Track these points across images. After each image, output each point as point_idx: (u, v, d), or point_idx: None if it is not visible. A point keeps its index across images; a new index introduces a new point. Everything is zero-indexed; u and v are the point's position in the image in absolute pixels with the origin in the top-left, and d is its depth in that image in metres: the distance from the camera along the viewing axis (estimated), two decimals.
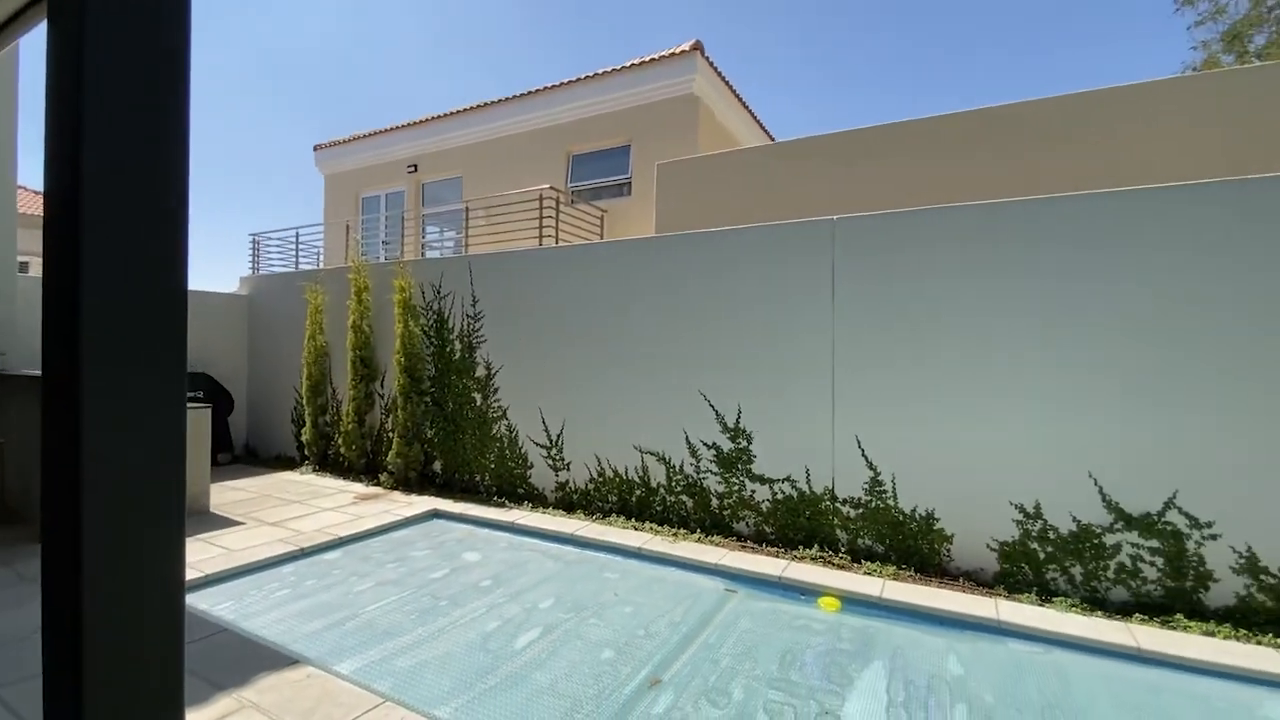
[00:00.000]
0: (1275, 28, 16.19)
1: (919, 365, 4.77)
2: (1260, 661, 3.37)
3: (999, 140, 6.72)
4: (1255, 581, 3.84)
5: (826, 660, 3.52)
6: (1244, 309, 3.86)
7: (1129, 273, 4.15)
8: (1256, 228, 3.85)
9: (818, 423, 5.18)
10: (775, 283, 5.39)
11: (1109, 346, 4.19)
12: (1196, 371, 3.96)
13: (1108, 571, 4.19)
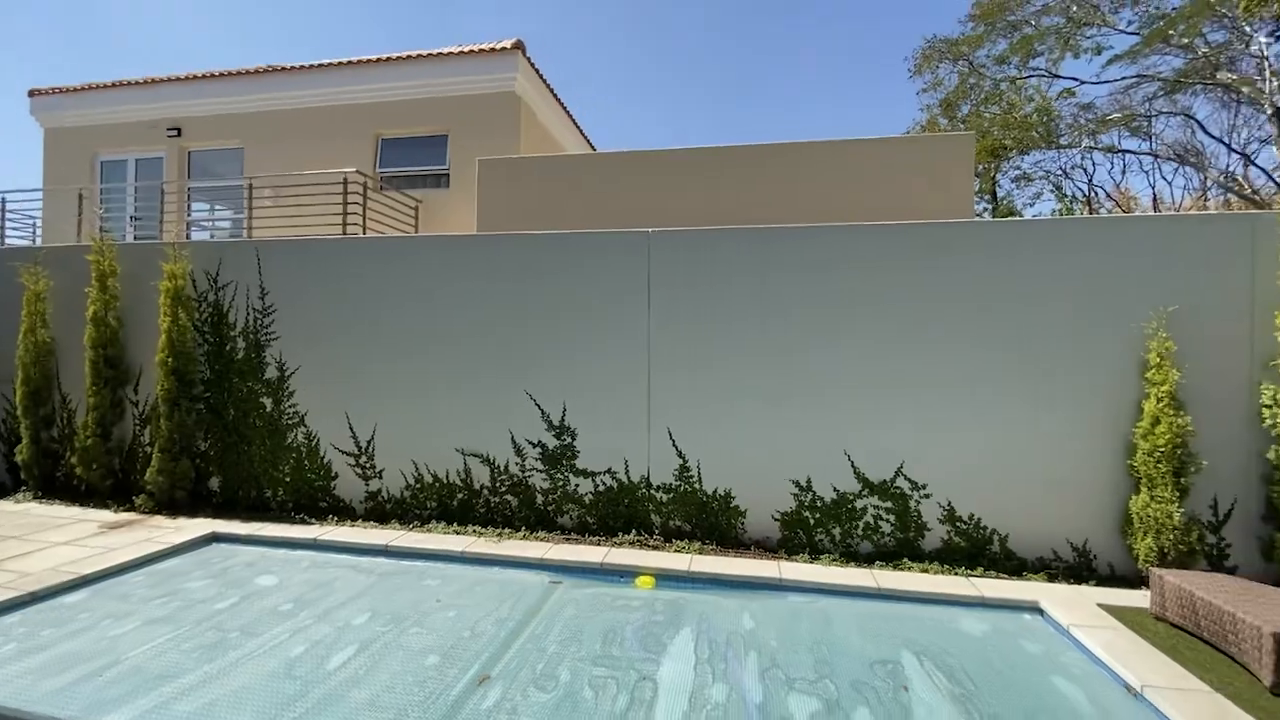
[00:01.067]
0: (975, 101, 20.92)
1: (722, 365, 5.42)
2: (958, 588, 4.48)
3: (776, 171, 7.84)
4: (953, 528, 5.08)
5: (644, 633, 3.87)
6: (937, 320, 5.07)
7: (867, 291, 5.19)
8: (937, 259, 5.09)
9: (635, 417, 5.59)
10: (598, 287, 5.69)
11: (859, 351, 5.19)
12: (913, 370, 5.10)
13: (858, 529, 5.20)
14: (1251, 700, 3.05)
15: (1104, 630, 3.79)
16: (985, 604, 4.30)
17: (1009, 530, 4.98)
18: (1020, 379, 4.97)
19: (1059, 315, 4.92)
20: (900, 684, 3.31)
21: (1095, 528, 4.87)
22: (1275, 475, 4.49)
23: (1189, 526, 4.45)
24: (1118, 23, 17.32)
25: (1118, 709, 3.13)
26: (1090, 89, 19.33)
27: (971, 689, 3.27)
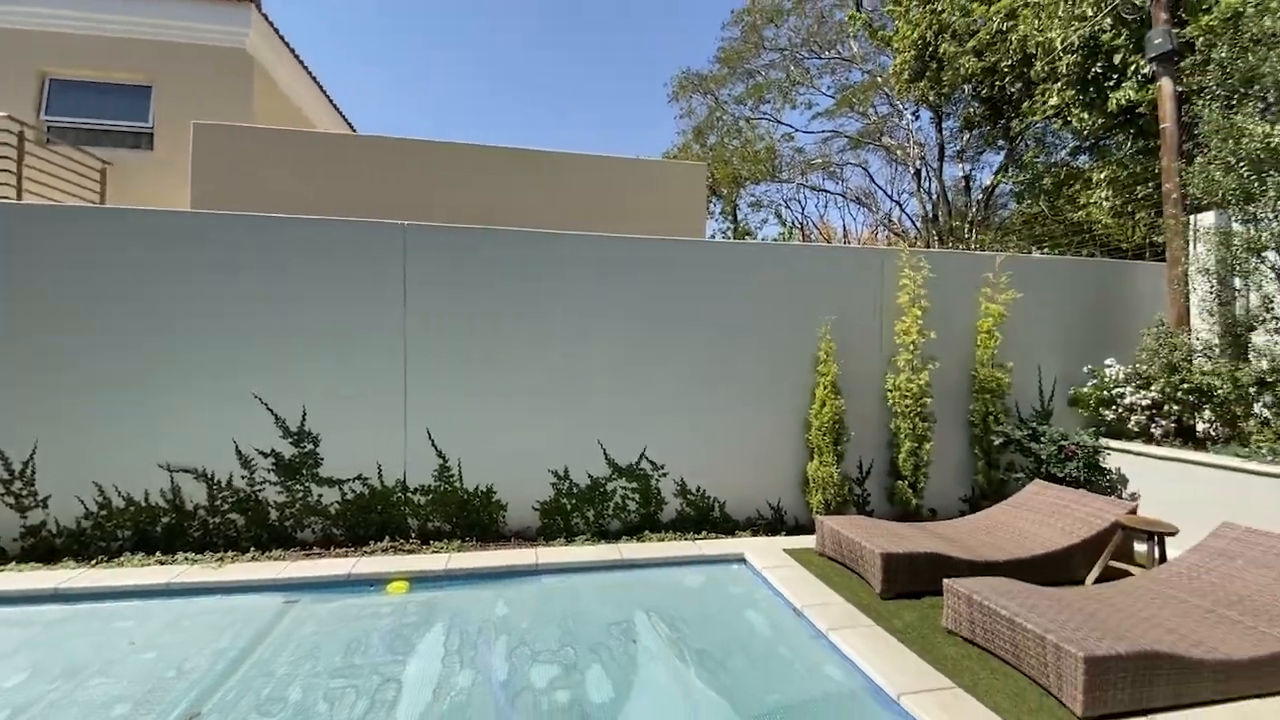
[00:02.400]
0: (721, 132, 23.95)
1: (485, 364, 5.51)
2: (686, 550, 5.24)
3: (540, 177, 8.20)
4: (685, 501, 5.92)
5: (392, 637, 3.80)
6: (673, 324, 5.89)
7: (622, 295, 5.78)
8: (710, 274, 5.93)
9: (391, 419, 5.38)
10: (347, 281, 5.33)
11: (609, 348, 5.75)
12: (655, 367, 5.83)
13: (609, 510, 5.76)
14: (869, 605, 4.20)
15: (784, 569, 4.83)
16: (705, 560, 5.13)
17: (726, 498, 5.99)
18: (735, 373, 6.00)
19: (764, 321, 6.07)
20: (631, 639, 3.82)
21: (786, 490, 6.12)
22: (894, 441, 6.18)
23: (843, 483, 5.88)
24: (821, 86, 21.57)
25: (786, 625, 4.05)
26: (803, 136, 23.70)
27: (686, 632, 3.92)
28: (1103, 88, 9.13)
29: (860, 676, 3.36)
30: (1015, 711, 2.93)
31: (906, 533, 4.85)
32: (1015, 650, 3.26)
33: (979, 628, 3.52)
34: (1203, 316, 6.32)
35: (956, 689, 3.12)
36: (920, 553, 4.33)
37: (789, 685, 3.42)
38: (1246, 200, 5.50)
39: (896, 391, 6.08)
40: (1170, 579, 3.93)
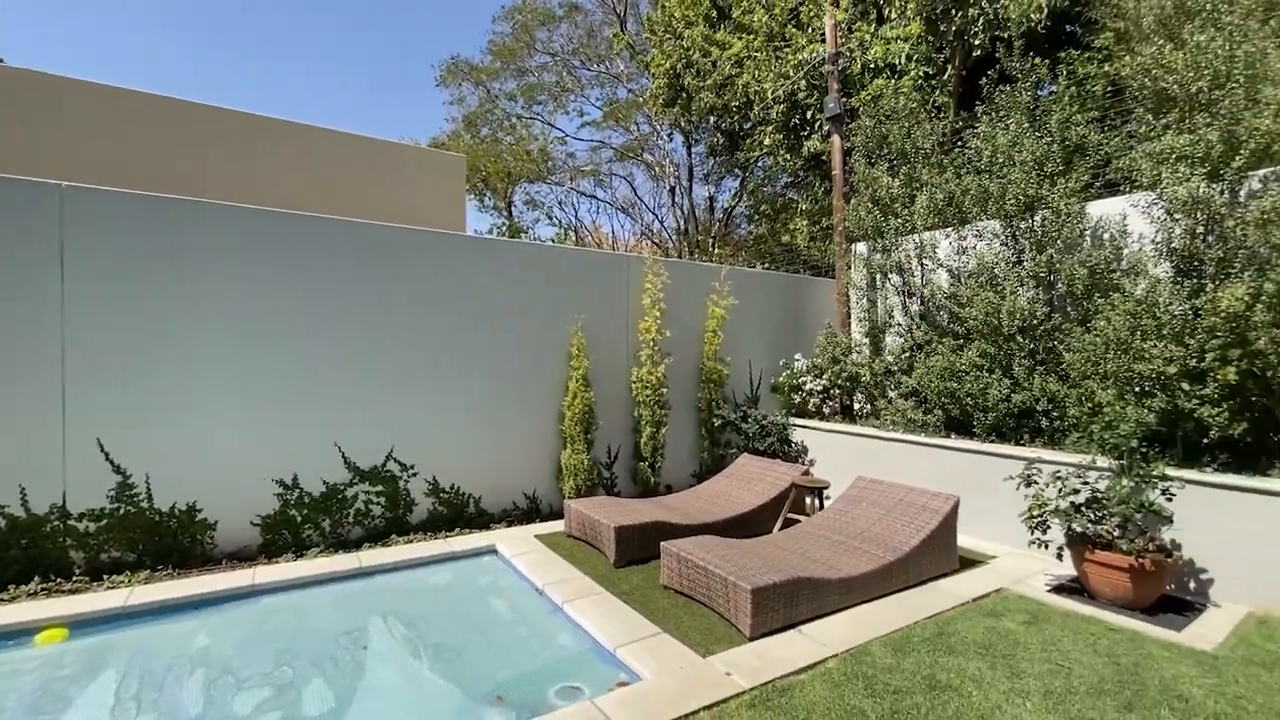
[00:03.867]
0: (494, 126, 23.57)
1: (184, 360, 4.68)
2: (436, 549, 5.14)
3: (284, 150, 7.25)
4: (438, 499, 5.80)
5: (37, 696, 3.07)
6: (433, 317, 5.74)
7: (370, 285, 5.42)
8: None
9: (40, 430, 4.27)
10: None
11: (346, 343, 5.35)
12: (408, 362, 5.60)
13: (349, 517, 5.37)
14: (605, 575, 4.63)
15: (533, 554, 5.06)
16: (455, 557, 5.11)
17: (482, 492, 6.03)
18: (495, 369, 6.07)
19: (525, 318, 6.23)
20: (361, 646, 3.66)
21: (541, 479, 6.39)
22: (637, 427, 6.87)
23: (593, 468, 6.35)
24: (591, 97, 22.66)
25: (528, 606, 4.27)
26: (575, 142, 24.62)
27: (424, 629, 3.89)
28: (800, 136, 11.31)
29: (588, 639, 3.72)
30: (705, 642, 3.55)
31: (641, 507, 5.46)
32: (709, 593, 3.94)
33: (686, 580, 4.16)
34: (858, 321, 8.26)
35: (663, 634, 3.65)
36: (648, 523, 4.92)
37: (523, 659, 3.64)
38: (879, 234, 7.36)
39: (639, 383, 6.77)
40: (821, 522, 5.11)
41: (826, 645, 3.52)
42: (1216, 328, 4.39)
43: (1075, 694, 3.00)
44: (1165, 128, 5.23)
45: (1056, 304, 5.89)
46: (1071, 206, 5.80)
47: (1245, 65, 4.85)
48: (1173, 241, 4.98)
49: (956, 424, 6.25)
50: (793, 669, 3.23)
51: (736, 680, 3.12)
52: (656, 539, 4.82)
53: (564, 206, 25.86)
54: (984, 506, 5.30)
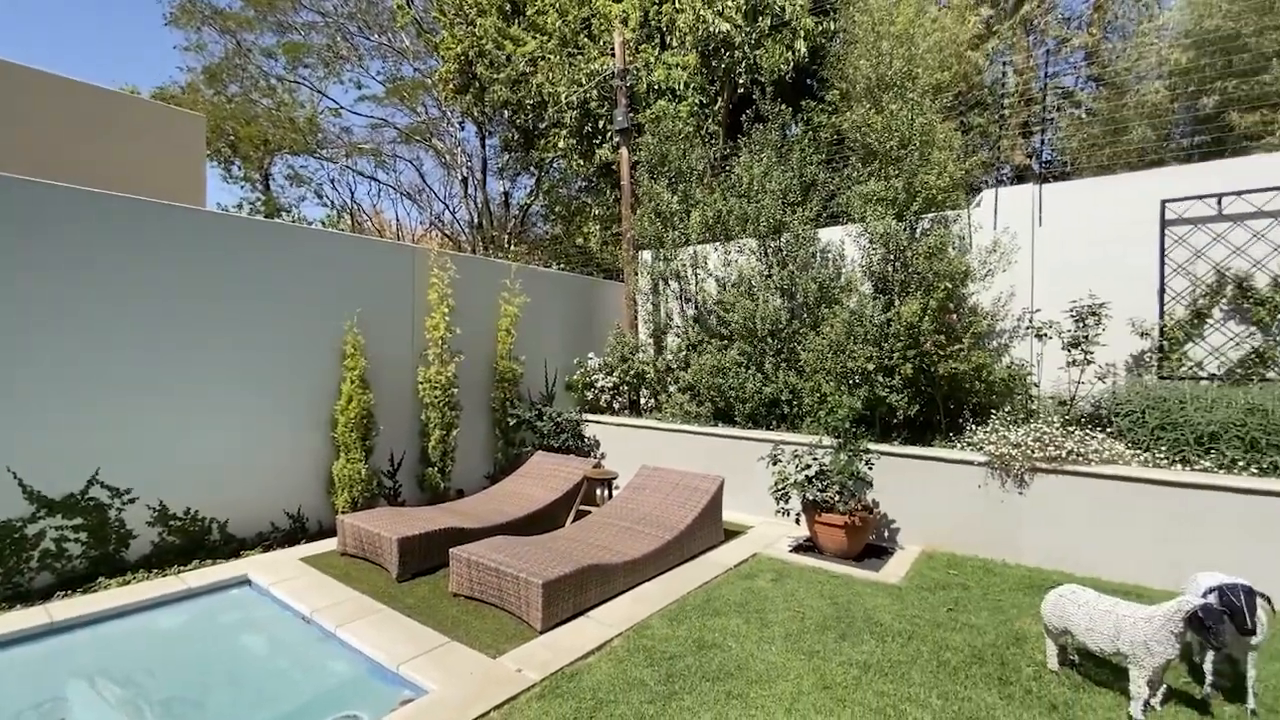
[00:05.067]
0: (246, 84, 20.12)
1: None
2: (164, 589, 4.23)
3: None
4: (166, 528, 4.81)
5: None
6: (156, 312, 4.73)
7: (74, 265, 4.25)
8: None
9: None
10: None
11: (45, 335, 4.16)
12: (124, 362, 4.53)
13: (32, 561, 4.18)
14: (385, 590, 4.32)
15: (297, 580, 4.49)
16: (192, 594, 4.29)
17: (229, 516, 5.15)
18: (244, 368, 5.21)
19: (286, 310, 5.45)
20: (57, 718, 2.90)
21: (307, 495, 5.69)
22: (425, 430, 6.51)
23: (372, 478, 5.85)
24: (371, 70, 20.63)
25: (292, 637, 3.79)
26: (351, 116, 22.18)
27: (149, 685, 3.23)
28: (592, 144, 11.76)
29: (366, 662, 3.44)
30: (496, 643, 3.54)
31: (428, 515, 5.20)
32: (501, 594, 3.93)
33: (478, 584, 4.09)
34: (644, 323, 8.88)
35: (452, 642, 3.54)
36: (436, 530, 4.71)
37: (287, 696, 3.23)
38: (660, 244, 8.01)
39: (427, 384, 6.41)
40: (609, 510, 5.42)
41: (612, 626, 3.76)
42: (900, 334, 5.69)
43: (807, 632, 3.66)
44: (870, 174, 6.60)
45: (796, 311, 7.04)
46: (806, 231, 6.99)
47: (921, 133, 6.35)
48: (873, 266, 6.32)
49: (722, 414, 7.10)
50: (581, 654, 3.40)
51: (527, 675, 3.18)
52: (446, 546, 4.63)
53: (337, 186, 23.21)
54: (744, 484, 6.11)
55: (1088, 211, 6.11)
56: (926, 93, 7.41)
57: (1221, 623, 2.60)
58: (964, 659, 3.31)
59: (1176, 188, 5.71)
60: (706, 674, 3.17)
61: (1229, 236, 5.50)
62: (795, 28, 9.80)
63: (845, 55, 9.88)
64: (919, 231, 6.26)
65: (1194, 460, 4.61)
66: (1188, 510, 4.34)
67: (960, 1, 9.71)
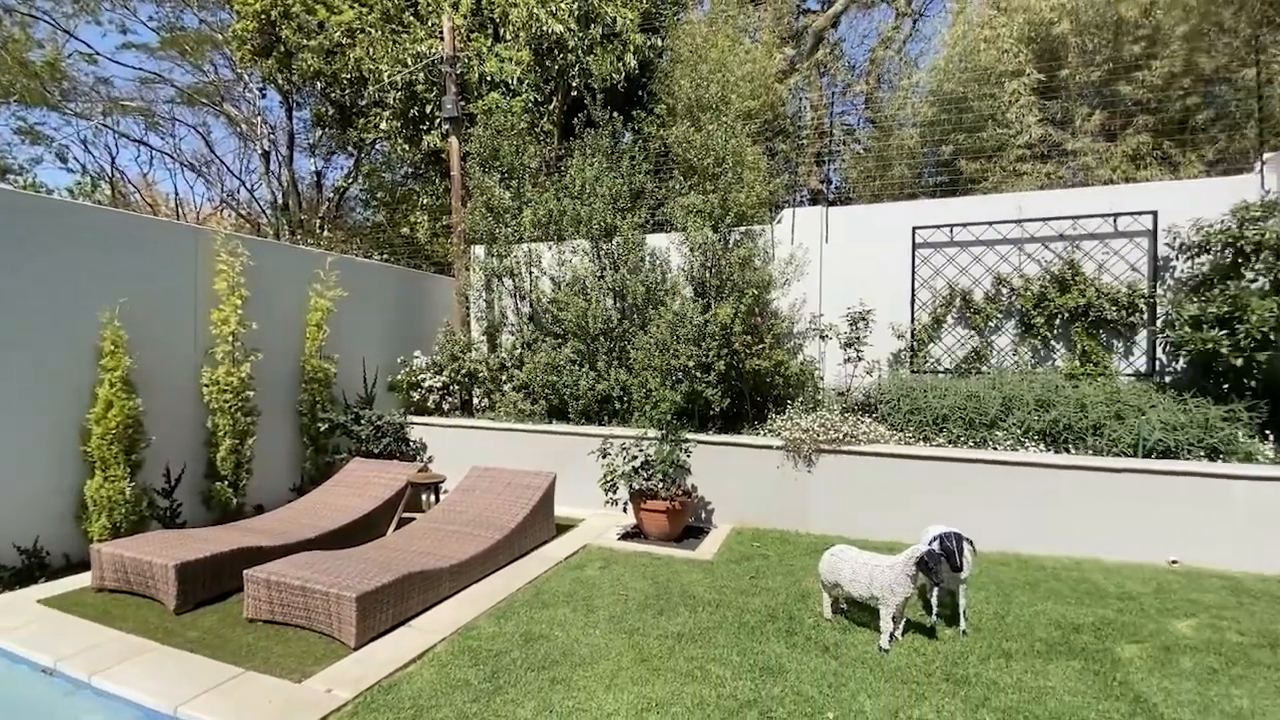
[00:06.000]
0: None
1: None
2: None
3: None
4: None
5: None
6: None
7: None
8: None
9: None
10: None
11: None
12: None
13: None
14: (159, 626, 3.72)
15: (33, 625, 3.69)
16: None
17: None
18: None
19: (15, 302, 4.40)
20: None
21: (48, 523, 4.67)
22: (213, 439, 5.68)
23: (140, 498, 4.97)
24: (140, 13, 17.24)
25: (30, 694, 3.12)
26: (113, 66, 18.35)
27: None
28: (420, 129, 11.11)
29: (132, 711, 2.95)
30: (302, 666, 3.25)
31: (216, 536, 4.57)
32: (309, 613, 3.61)
33: (280, 606, 3.71)
34: (476, 320, 8.63)
35: (248, 673, 3.18)
36: (226, 552, 4.17)
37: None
38: (493, 240, 7.88)
39: (214, 386, 5.61)
40: (436, 515, 5.24)
41: (436, 632, 3.66)
42: (715, 334, 6.26)
43: (630, 613, 3.90)
44: (691, 188, 7.15)
45: (627, 312, 7.38)
46: (636, 237, 7.36)
47: (734, 154, 7.03)
48: (693, 271, 6.87)
49: (557, 411, 7.20)
50: (401, 664, 3.26)
51: (338, 694, 2.98)
52: (241, 568, 4.12)
53: (92, 148, 19.11)
54: (578, 478, 6.26)
55: (862, 232, 7.26)
56: (739, 117, 8.20)
57: (940, 564, 3.32)
58: (760, 618, 3.78)
59: (923, 217, 7.04)
60: (532, 665, 3.24)
61: (957, 259, 6.91)
62: (626, 40, 10.21)
63: (671, 73, 10.54)
64: (731, 243, 6.94)
65: (932, 437, 5.74)
66: (929, 477, 5.39)
67: (768, 39, 10.91)
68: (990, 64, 8.63)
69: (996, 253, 6.74)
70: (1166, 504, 4.84)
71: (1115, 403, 5.39)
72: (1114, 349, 6.32)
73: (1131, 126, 7.73)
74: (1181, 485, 4.82)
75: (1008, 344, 6.67)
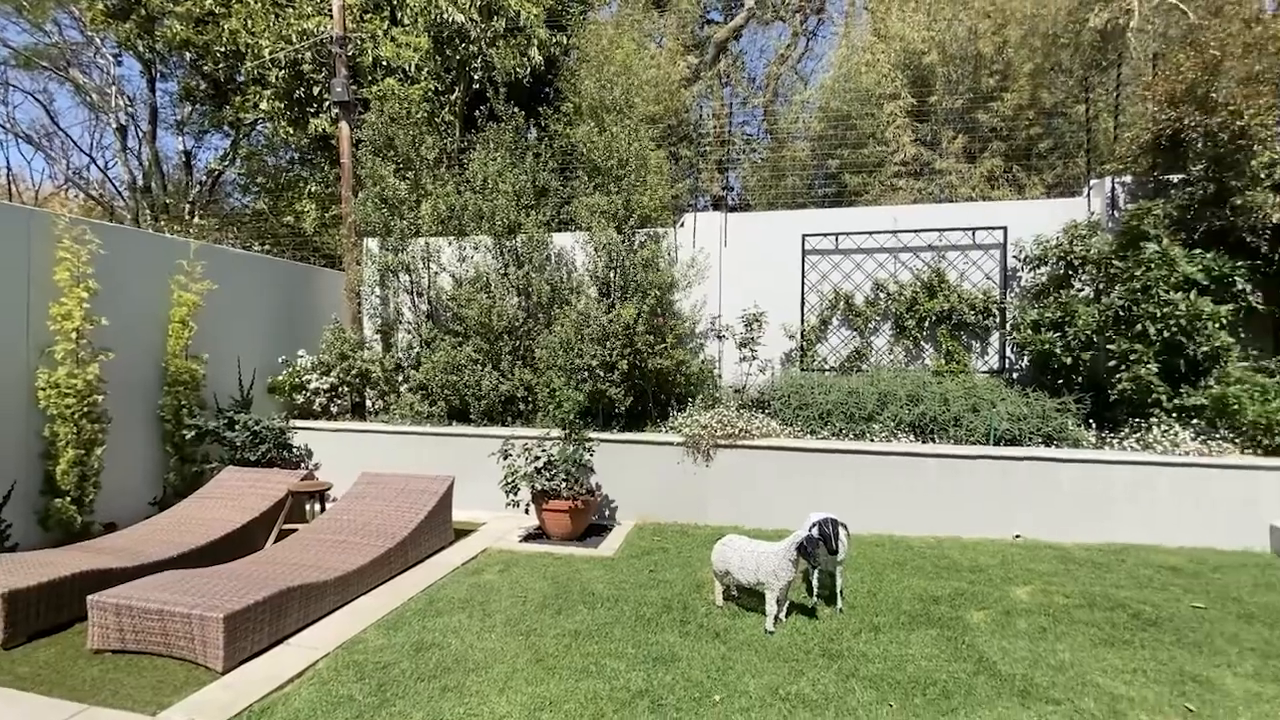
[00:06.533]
0: None
1: None
2: None
3: None
4: None
5: None
6: None
7: None
8: None
9: None
10: None
11: None
12: None
13: None
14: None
15: None
16: None
17: None
18: None
19: None
20: None
21: None
22: (52, 451, 5.01)
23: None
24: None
25: None
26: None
27: None
28: (306, 111, 10.35)
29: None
30: (159, 698, 2.95)
31: (55, 559, 4.04)
32: (168, 639, 3.29)
33: (132, 633, 3.34)
34: (369, 317, 8.17)
35: (90, 709, 2.85)
36: (65, 577, 3.70)
37: None
38: (387, 233, 7.51)
39: (54, 390, 4.95)
40: (321, 525, 4.93)
41: (318, 648, 3.45)
42: (619, 334, 6.34)
43: (528, 614, 3.88)
44: (596, 188, 7.19)
45: (532, 310, 7.30)
46: (541, 235, 7.29)
47: (637, 157, 7.13)
48: (598, 271, 6.91)
49: (458, 412, 6.99)
50: (277, 685, 3.05)
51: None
52: (86, 594, 3.68)
53: None
54: (480, 481, 6.10)
55: (758, 238, 7.62)
56: (644, 120, 8.34)
57: (817, 548, 3.58)
58: (656, 610, 3.89)
59: (812, 226, 7.51)
60: (422, 675, 3.14)
61: (842, 265, 7.43)
62: (530, 35, 10.07)
63: (577, 72, 10.52)
64: (636, 244, 7.05)
65: (818, 431, 6.15)
66: (815, 467, 5.77)
67: (673, 45, 11.17)
68: (871, 86, 9.37)
69: (875, 260, 7.33)
70: (1012, 486, 5.50)
71: (972, 397, 6.03)
72: (973, 349, 7.07)
73: (988, 150, 8.69)
74: (1023, 469, 5.49)
75: (885, 344, 7.28)
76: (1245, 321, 5.85)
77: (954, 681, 3.05)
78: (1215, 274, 5.71)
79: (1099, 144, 7.79)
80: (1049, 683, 3.05)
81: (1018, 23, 8.54)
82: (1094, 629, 3.66)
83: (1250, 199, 5.71)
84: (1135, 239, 6.10)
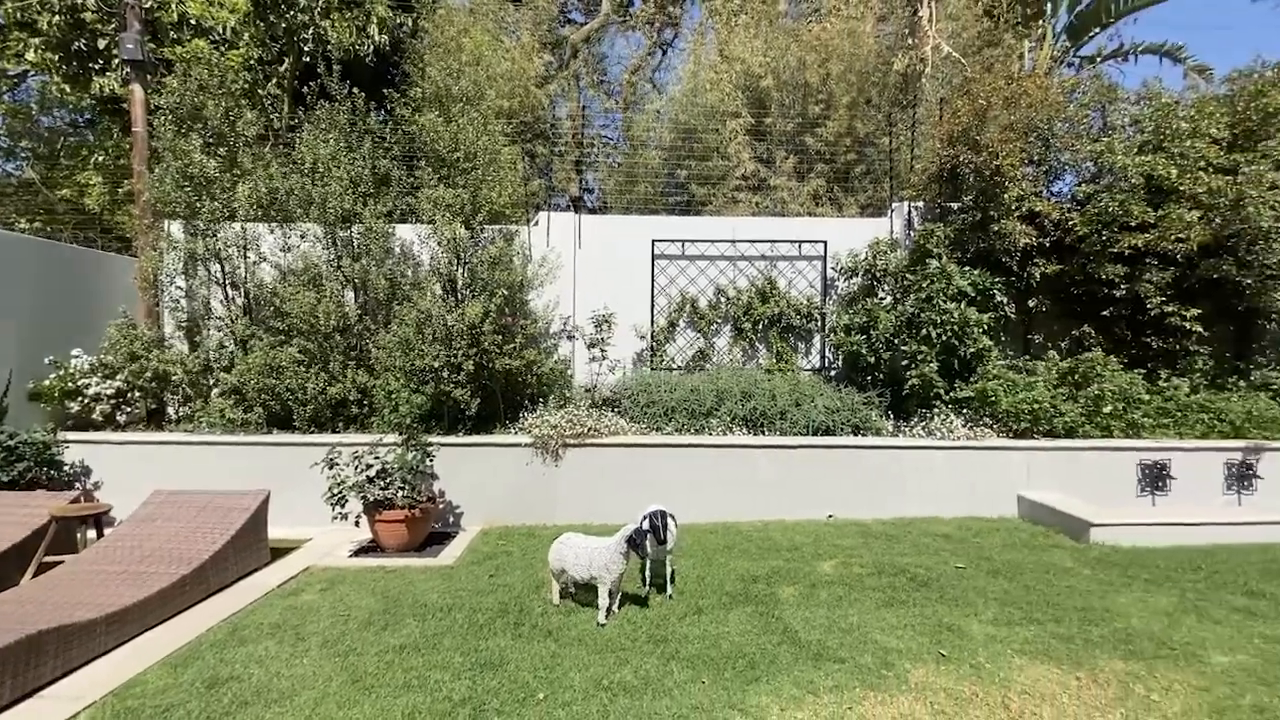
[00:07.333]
0: None
1: None
2: None
3: None
4: None
5: None
6: None
7: None
8: None
9: None
10: None
11: None
12: None
13: None
14: None
15: None
16: None
17: None
18: None
19: None
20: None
21: None
22: None
23: None
24: None
25: None
26: None
27: None
28: (88, 67, 8.76)
29: None
30: None
31: None
32: None
33: None
34: (170, 311, 7.11)
35: None
36: None
37: None
38: (193, 215, 6.59)
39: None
40: (97, 554, 4.22)
41: (80, 698, 2.96)
42: (464, 333, 6.15)
43: (349, 634, 3.63)
44: (441, 180, 6.89)
45: (369, 307, 6.82)
46: (381, 226, 6.83)
47: (486, 151, 6.94)
48: (442, 268, 6.63)
49: (280, 419, 6.33)
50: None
51: None
52: None
53: None
54: (304, 493, 5.58)
55: (612, 241, 7.79)
56: (495, 114, 8.14)
57: (646, 539, 3.75)
58: (491, 616, 3.84)
59: (661, 231, 7.83)
60: (213, 714, 2.82)
61: (688, 270, 7.84)
62: (370, 11, 9.39)
63: (425, 57, 10.00)
64: (484, 241, 6.87)
65: (663, 427, 6.44)
66: (659, 461, 6.03)
67: (529, 41, 11.02)
68: (715, 103, 9.98)
69: (717, 267, 7.83)
70: (828, 472, 6.17)
71: (796, 393, 6.68)
72: (799, 350, 7.82)
73: (814, 171, 9.66)
74: (836, 456, 6.18)
75: (726, 345, 7.80)
76: (1004, 327, 7.11)
77: (761, 653, 3.36)
78: (980, 287, 6.85)
79: (900, 172, 8.97)
80: (838, 644, 3.47)
81: (839, 58, 9.57)
82: (879, 593, 4.23)
83: (1004, 226, 6.94)
84: (923, 256, 7.14)
